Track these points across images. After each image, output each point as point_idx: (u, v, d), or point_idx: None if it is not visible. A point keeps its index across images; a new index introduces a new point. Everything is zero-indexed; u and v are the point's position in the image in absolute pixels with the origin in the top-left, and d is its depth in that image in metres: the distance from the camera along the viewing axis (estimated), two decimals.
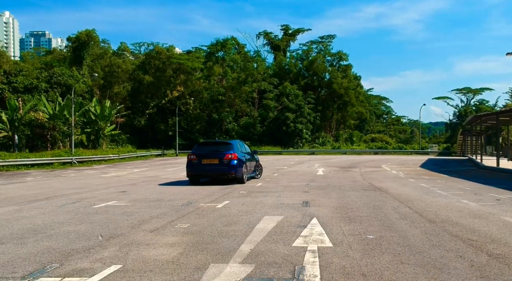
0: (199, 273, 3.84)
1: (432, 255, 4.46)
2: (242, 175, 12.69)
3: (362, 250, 4.69)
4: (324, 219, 6.58)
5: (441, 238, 5.31)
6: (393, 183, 13.12)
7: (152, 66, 48.84)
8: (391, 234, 5.52)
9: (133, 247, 4.86)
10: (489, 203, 8.53)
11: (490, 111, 42.74)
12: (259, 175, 15.21)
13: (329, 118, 56.25)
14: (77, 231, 5.83)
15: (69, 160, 24.49)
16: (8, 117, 32.20)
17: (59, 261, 4.29)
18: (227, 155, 12.34)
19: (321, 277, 3.70)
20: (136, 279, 3.70)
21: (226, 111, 47.70)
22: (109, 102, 39.14)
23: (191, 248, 4.82)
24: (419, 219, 6.65)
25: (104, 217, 6.89)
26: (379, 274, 3.82)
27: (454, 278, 3.68)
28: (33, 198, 9.74)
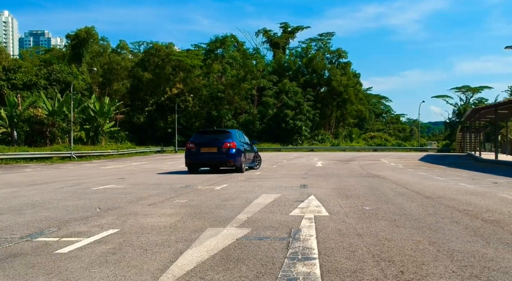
0: (196, 234, 3.87)
1: (427, 221, 4.49)
2: (240, 164, 12.69)
3: (358, 217, 4.72)
4: (322, 196, 6.61)
5: (437, 209, 5.34)
6: (391, 172, 13.16)
7: (151, 63, 48.83)
8: (387, 206, 5.55)
9: (130, 216, 4.89)
10: (487, 185, 8.56)
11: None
12: (257, 166, 15.21)
13: (328, 115, 56.27)
14: (75, 205, 5.86)
15: (68, 154, 24.49)
16: (7, 114, 32.17)
17: (57, 226, 4.32)
18: (226, 144, 12.34)
19: (316, 237, 3.73)
20: (133, 239, 3.73)
21: (225, 108, 47.70)
22: (108, 99, 39.12)
23: (189, 217, 4.85)
24: (416, 196, 6.68)
25: (102, 196, 6.92)
26: (374, 234, 3.85)
27: (448, 237, 3.72)
28: (32, 183, 9.76)
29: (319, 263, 2.88)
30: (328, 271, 2.73)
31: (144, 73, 48.55)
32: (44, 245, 3.50)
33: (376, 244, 3.46)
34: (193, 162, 12.63)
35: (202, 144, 12.51)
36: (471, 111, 24.83)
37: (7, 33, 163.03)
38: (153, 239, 3.71)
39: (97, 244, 3.54)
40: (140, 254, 3.18)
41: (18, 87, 38.27)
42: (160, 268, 2.81)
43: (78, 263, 2.96)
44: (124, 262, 2.98)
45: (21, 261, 3.03)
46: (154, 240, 3.67)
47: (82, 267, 2.86)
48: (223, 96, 47.68)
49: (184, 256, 3.11)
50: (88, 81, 45.12)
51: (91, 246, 3.47)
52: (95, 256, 3.14)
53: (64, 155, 24.32)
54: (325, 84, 54.01)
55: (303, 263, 2.90)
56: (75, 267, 2.86)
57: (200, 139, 12.78)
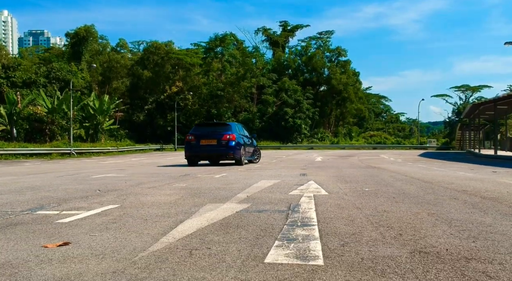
0: (195, 208, 3.88)
1: (426, 198, 4.51)
2: (240, 157, 12.68)
3: (357, 196, 4.74)
4: (321, 181, 6.63)
5: (436, 190, 5.36)
6: (390, 165, 13.18)
7: (151, 61, 48.81)
8: (386, 188, 5.57)
9: (130, 196, 4.91)
10: (486, 174, 8.59)
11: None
12: (257, 160, 15.21)
13: (328, 114, 56.27)
14: (75, 188, 5.87)
15: (67, 151, 24.48)
16: (6, 111, 32.14)
17: (57, 203, 4.33)
18: (225, 136, 12.34)
19: (316, 210, 3.74)
20: (134, 212, 3.74)
21: (225, 107, 47.69)
22: (108, 97, 39.11)
23: (189, 195, 4.86)
24: (415, 181, 6.70)
25: (102, 181, 6.93)
26: (373, 207, 3.87)
27: (446, 209, 3.73)
28: (31, 172, 9.77)
29: (318, 228, 2.90)
30: (327, 234, 2.75)
31: (143, 71, 48.54)
32: (44, 217, 3.52)
33: (374, 215, 3.48)
34: (193, 155, 12.62)
35: (202, 136, 12.50)
36: (470, 107, 24.87)
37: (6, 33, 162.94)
38: (153, 212, 3.72)
39: (97, 216, 3.55)
40: (140, 223, 3.19)
41: (17, 85, 38.25)
42: (160, 233, 2.82)
43: (79, 229, 2.98)
44: (124, 228, 2.99)
45: (22, 228, 3.05)
46: (154, 212, 3.68)
47: (82, 232, 2.88)
48: (222, 94, 47.66)
49: (184, 224, 3.13)
50: (87, 79, 45.10)
51: (91, 217, 3.48)
52: (95, 224, 3.15)
53: (63, 151, 24.32)
54: (324, 83, 54.01)
55: (302, 228, 2.91)
56: (75, 232, 2.88)
57: (200, 132, 12.77)
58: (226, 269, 1.98)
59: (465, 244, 2.45)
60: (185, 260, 2.14)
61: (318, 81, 54.31)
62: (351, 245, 2.43)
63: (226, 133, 12.44)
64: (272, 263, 2.07)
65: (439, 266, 2.01)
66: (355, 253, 2.25)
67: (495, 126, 23.72)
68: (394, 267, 2.00)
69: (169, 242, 2.53)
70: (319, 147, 46.83)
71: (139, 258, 2.19)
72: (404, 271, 1.93)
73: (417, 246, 2.41)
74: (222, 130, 12.59)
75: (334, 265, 2.04)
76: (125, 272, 1.94)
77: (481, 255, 2.20)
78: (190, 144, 12.58)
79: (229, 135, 12.40)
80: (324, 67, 53.89)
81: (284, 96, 48.60)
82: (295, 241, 2.52)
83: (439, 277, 1.85)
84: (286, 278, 1.83)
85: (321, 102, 53.13)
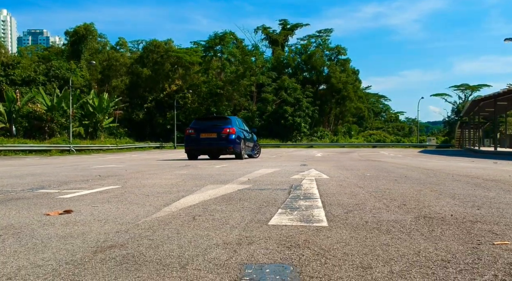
0: (197, 188, 3.87)
1: (428, 180, 4.49)
2: (240, 151, 12.64)
3: (358, 179, 4.73)
4: (322, 169, 6.62)
5: (438, 175, 5.35)
6: (391, 159, 13.18)
7: (150, 59, 48.74)
8: (388, 174, 5.56)
9: (131, 179, 4.89)
10: (486, 164, 8.58)
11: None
12: (257, 155, 15.18)
13: (328, 113, 56.25)
14: (76, 174, 5.85)
15: (67, 147, 24.45)
16: (5, 109, 32.09)
17: (58, 184, 4.31)
18: (225, 129, 12.30)
19: (318, 188, 3.73)
20: (135, 190, 3.72)
21: (224, 105, 47.65)
22: (107, 95, 39.06)
23: (189, 179, 4.85)
24: (416, 169, 6.69)
25: (103, 170, 6.91)
26: (375, 186, 3.86)
27: (450, 187, 3.72)
28: (31, 164, 9.74)
29: (321, 201, 2.89)
30: (330, 204, 2.73)
31: (143, 70, 48.48)
32: (45, 194, 3.50)
33: (377, 191, 3.47)
34: (193, 148, 12.59)
35: (202, 130, 12.46)
36: (470, 103, 24.87)
37: (5, 32, 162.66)
38: (155, 190, 3.71)
39: (98, 193, 3.53)
40: (142, 198, 3.18)
41: (16, 83, 38.19)
42: (163, 204, 2.81)
43: (80, 202, 2.96)
44: (126, 201, 2.97)
45: (23, 201, 3.03)
46: (156, 190, 3.67)
47: (84, 204, 2.86)
48: (222, 92, 47.63)
49: (186, 198, 3.11)
50: (87, 78, 45.04)
51: (92, 194, 3.46)
52: (97, 199, 3.14)
53: (63, 148, 24.29)
54: (324, 81, 53.99)
55: (305, 200, 2.90)
56: (77, 204, 2.86)
57: (200, 125, 12.74)
58: (230, 229, 1.96)
59: (470, 211, 2.44)
60: (188, 223, 2.13)
61: (317, 80, 54.30)
62: (355, 213, 2.41)
63: (226, 126, 12.40)
64: (276, 225, 2.05)
65: (445, 226, 2.00)
66: (359, 218, 2.24)
67: (495, 122, 23.73)
68: (400, 227, 1.99)
69: (171, 211, 2.52)
70: (318, 145, 46.84)
71: (142, 222, 2.18)
72: (410, 230, 1.92)
73: (421, 213, 2.40)
74: (222, 124, 12.56)
75: (339, 226, 2.02)
76: (129, 232, 1.93)
77: (486, 219, 2.19)
78: (190, 137, 12.55)
79: (229, 129, 12.37)
80: (324, 66, 53.88)
81: (284, 94, 48.58)
82: (298, 209, 2.51)
83: (445, 234, 1.84)
84: (290, 235, 1.82)
85: (321, 101, 53.11)
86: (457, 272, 1.30)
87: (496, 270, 1.31)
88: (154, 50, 49.29)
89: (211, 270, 1.33)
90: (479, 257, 1.46)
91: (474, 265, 1.36)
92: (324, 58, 54.46)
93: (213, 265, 1.38)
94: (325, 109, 55.18)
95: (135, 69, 49.00)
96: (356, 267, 1.34)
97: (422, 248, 1.59)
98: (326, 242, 1.68)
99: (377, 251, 1.54)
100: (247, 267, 1.36)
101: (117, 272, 1.32)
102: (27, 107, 33.08)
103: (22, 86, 38.07)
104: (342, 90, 52.88)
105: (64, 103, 32.89)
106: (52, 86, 39.19)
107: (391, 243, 1.66)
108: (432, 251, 1.53)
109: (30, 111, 32.88)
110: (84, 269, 1.36)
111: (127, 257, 1.49)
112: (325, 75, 53.93)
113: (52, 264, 1.41)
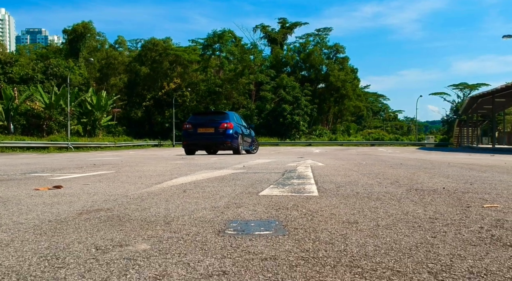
0: (191, 172, 3.85)
1: (423, 166, 4.49)
2: (238, 145, 12.61)
3: (354, 165, 4.72)
4: (318, 160, 6.61)
5: (434, 163, 5.34)
6: (388, 154, 13.17)
7: (149, 58, 48.66)
8: (384, 162, 5.55)
9: (126, 167, 4.87)
10: (484, 156, 8.58)
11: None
12: (255, 150, 15.15)
13: (326, 111, 56.24)
14: (70, 164, 5.83)
15: (65, 145, 24.39)
16: (3, 107, 32.01)
17: (51, 170, 4.29)
18: (223, 124, 12.26)
19: (312, 172, 3.71)
20: (128, 174, 3.70)
21: (223, 103, 47.58)
22: (105, 93, 38.98)
23: (185, 166, 4.83)
24: (413, 160, 6.69)
25: (99, 161, 6.89)
26: (369, 170, 3.85)
27: (444, 171, 3.71)
28: (27, 157, 9.71)
29: (315, 180, 2.87)
30: (323, 182, 2.72)
31: (141, 68, 48.40)
32: (37, 177, 3.48)
33: (371, 173, 3.45)
34: (190, 143, 12.54)
35: (199, 124, 12.42)
36: (468, 100, 24.86)
37: (3, 31, 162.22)
38: (148, 174, 3.69)
39: (91, 176, 3.51)
40: (134, 179, 3.16)
41: (14, 81, 38.10)
42: (154, 183, 2.79)
43: (72, 182, 2.94)
44: (118, 181, 2.96)
45: (14, 182, 3.01)
46: (149, 174, 3.65)
47: (75, 183, 2.84)
48: (220, 90, 47.58)
49: (178, 179, 3.09)
50: (85, 76, 44.95)
51: (85, 176, 3.44)
52: (89, 180, 3.12)
53: (61, 145, 24.22)
54: (323, 80, 53.97)
55: (298, 179, 2.89)
56: (68, 183, 2.84)
57: (197, 120, 12.69)
58: (219, 198, 1.95)
59: (462, 186, 2.43)
60: (178, 195, 2.11)
61: (316, 78, 54.29)
62: (347, 187, 2.40)
63: (224, 121, 12.36)
64: (267, 195, 2.04)
65: (435, 196, 1.99)
66: (350, 190, 2.22)
67: (493, 119, 23.76)
68: (390, 196, 1.97)
69: (163, 187, 2.50)
70: (317, 144, 46.86)
71: (132, 194, 2.16)
72: (400, 198, 1.90)
73: (413, 187, 2.38)
74: (220, 119, 12.51)
75: (329, 195, 2.01)
76: (117, 200, 1.91)
77: (478, 191, 2.18)
78: (188, 132, 12.50)
79: (226, 124, 12.33)
80: (322, 64, 53.86)
81: (282, 92, 48.54)
82: (290, 185, 2.50)
83: (435, 201, 1.82)
84: (280, 202, 1.80)
85: (319, 99, 53.10)
86: (443, 225, 1.28)
87: (483, 224, 1.30)
88: (153, 48, 49.20)
89: (196, 224, 1.32)
90: (467, 216, 1.44)
91: (461, 221, 1.35)
92: (323, 57, 54.45)
93: (198, 221, 1.37)
94: (324, 108, 55.18)
95: (134, 67, 48.91)
96: (342, 222, 1.33)
97: (410, 210, 1.57)
98: (315, 206, 1.67)
99: (365, 212, 1.53)
100: (232, 222, 1.34)
101: (100, 227, 1.30)
102: (25, 105, 33.02)
103: (20, 84, 37.97)
104: (340, 89, 52.86)
105: (62, 101, 32.82)
106: (50, 84, 39.10)
107: (380, 207, 1.64)
108: (420, 212, 1.52)
109: (28, 109, 32.82)
110: (67, 225, 1.34)
111: (112, 217, 1.48)
112: (323, 74, 53.93)
113: (35, 222, 1.40)
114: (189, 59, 49.27)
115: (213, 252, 0.98)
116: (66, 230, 1.26)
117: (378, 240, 1.08)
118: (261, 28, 55.90)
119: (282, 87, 48.83)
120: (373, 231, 1.21)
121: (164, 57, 48.83)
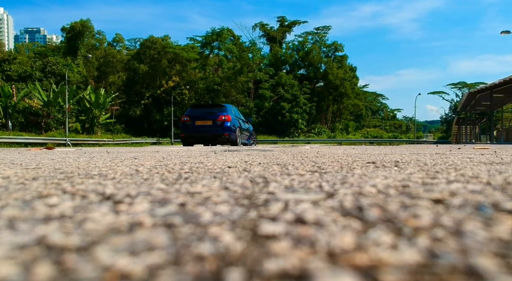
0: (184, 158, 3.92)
1: (408, 151, 4.57)
2: (235, 138, 12.65)
3: (336, 150, 4.80)
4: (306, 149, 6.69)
5: (421, 150, 5.42)
6: (386, 150, 13.26)
7: (147, 56, 48.73)
8: (373, 151, 5.63)
9: (121, 155, 4.94)
10: None
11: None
12: (253, 144, 15.26)
13: (325, 110, 56.35)
14: (75, 156, 5.90)
15: (63, 141, 24.48)
16: (1, 104, 32.06)
17: (44, 155, 4.36)
18: (221, 117, 12.32)
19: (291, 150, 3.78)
20: (121, 156, 3.77)
21: (221, 101, 47.66)
22: (104, 91, 39.04)
23: (185, 152, 4.90)
24: (403, 150, 6.77)
25: (96, 154, 6.96)
26: (348, 151, 3.92)
27: (426, 152, 3.79)
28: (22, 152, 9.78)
29: (291, 153, 2.95)
30: (297, 153, 2.79)
31: (140, 66, 48.45)
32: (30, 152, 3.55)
33: (348, 154, 3.53)
34: (188, 136, 12.61)
35: (197, 117, 12.46)
36: (467, 96, 24.97)
37: (2, 30, 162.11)
38: (142, 156, 3.76)
39: (82, 155, 3.58)
40: (130, 160, 3.23)
41: (13, 79, 38.15)
42: (147, 161, 2.86)
43: (63, 161, 3.01)
44: (108, 159, 3.03)
45: (7, 150, 3.08)
46: (144, 156, 3.72)
47: (67, 157, 2.91)
48: (219, 89, 47.66)
49: (171, 160, 3.17)
50: (83, 74, 44.99)
51: (77, 154, 3.52)
52: (80, 155, 3.19)
53: (59, 141, 24.32)
54: (321, 78, 54.07)
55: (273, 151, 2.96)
56: (59, 160, 2.91)
57: (195, 113, 12.73)
58: (207, 157, 2.02)
59: (440, 161, 2.51)
60: (161, 165, 2.18)
61: (315, 76, 54.38)
62: (318, 156, 2.47)
63: (222, 114, 12.40)
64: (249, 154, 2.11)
65: (408, 165, 2.06)
66: (321, 156, 2.29)
67: (491, 115, 23.88)
68: (360, 163, 2.05)
69: (151, 165, 2.57)
70: (316, 142, 46.97)
71: (115, 164, 2.23)
72: (368, 166, 1.98)
73: (386, 159, 2.46)
74: (218, 111, 12.55)
75: (286, 153, 2.08)
76: (100, 166, 1.98)
77: (455, 165, 2.25)
78: (186, 124, 12.54)
79: (224, 116, 12.37)
80: (321, 62, 53.95)
81: (281, 91, 48.65)
82: (268, 151, 2.57)
83: (406, 168, 1.90)
84: (248, 154, 1.88)
85: (318, 97, 53.21)
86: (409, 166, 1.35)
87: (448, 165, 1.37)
88: (151, 46, 49.25)
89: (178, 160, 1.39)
90: (436, 163, 1.52)
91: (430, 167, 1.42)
92: (321, 55, 54.54)
93: (180, 161, 1.44)
94: (323, 106, 55.29)
95: (132, 65, 48.98)
96: (315, 155, 1.40)
97: (376, 168, 1.64)
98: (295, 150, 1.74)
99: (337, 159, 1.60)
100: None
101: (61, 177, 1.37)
102: (23, 102, 33.08)
103: (18, 82, 38.03)
104: (339, 87, 52.97)
105: (61, 98, 32.88)
106: (49, 82, 39.16)
107: (348, 155, 1.72)
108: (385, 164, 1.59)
109: (26, 106, 32.88)
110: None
111: (77, 171, 1.55)
112: (322, 72, 54.03)
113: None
114: (187, 57, 49.34)
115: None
116: (27, 175, 1.33)
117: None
118: (260, 27, 56.00)
119: (281, 85, 48.93)
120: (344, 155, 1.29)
121: (162, 55, 48.90)
